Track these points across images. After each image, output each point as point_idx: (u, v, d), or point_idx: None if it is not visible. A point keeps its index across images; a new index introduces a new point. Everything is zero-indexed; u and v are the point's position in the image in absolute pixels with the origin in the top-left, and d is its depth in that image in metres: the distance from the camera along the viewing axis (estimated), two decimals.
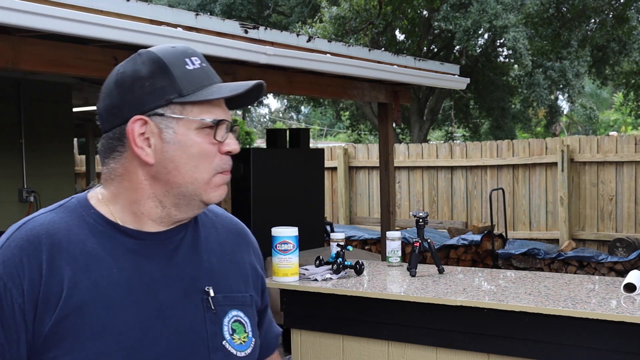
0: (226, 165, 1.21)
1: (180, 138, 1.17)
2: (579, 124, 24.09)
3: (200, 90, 1.17)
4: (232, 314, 1.25)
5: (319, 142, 28.02)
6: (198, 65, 1.20)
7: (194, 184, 1.18)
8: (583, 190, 9.22)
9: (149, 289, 1.16)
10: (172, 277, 1.19)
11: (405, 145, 10.77)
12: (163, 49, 1.21)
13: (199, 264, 1.24)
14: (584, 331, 2.40)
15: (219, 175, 1.21)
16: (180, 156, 1.17)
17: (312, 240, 5.90)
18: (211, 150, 1.19)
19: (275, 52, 4.42)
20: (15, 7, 3.01)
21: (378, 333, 2.80)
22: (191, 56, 1.20)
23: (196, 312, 1.20)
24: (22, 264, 1.10)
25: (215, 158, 1.19)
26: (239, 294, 1.28)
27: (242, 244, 1.36)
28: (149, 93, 1.17)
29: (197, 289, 1.21)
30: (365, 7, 12.80)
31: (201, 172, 1.18)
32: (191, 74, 1.18)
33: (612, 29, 12.33)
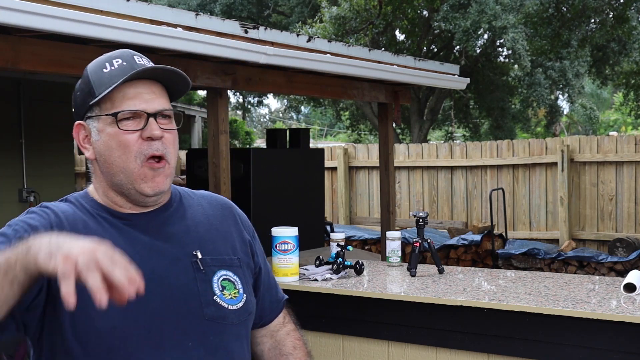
0: (150, 150, 1.32)
1: (102, 134, 1.33)
2: (579, 124, 24.09)
3: (110, 86, 1.30)
4: (221, 273, 1.39)
5: (319, 142, 28.02)
6: (116, 66, 1.32)
7: (124, 172, 1.32)
8: (583, 190, 9.22)
9: (142, 256, 1.30)
10: (163, 246, 1.35)
11: (405, 145, 10.77)
12: (94, 61, 1.37)
13: (187, 234, 1.39)
14: (584, 331, 2.40)
15: (148, 164, 1.32)
16: (105, 149, 1.33)
17: (312, 240, 5.90)
18: (128, 139, 1.31)
19: (275, 52, 4.42)
20: (15, 7, 3.02)
21: (378, 333, 2.80)
22: (114, 59, 1.34)
23: (187, 273, 1.35)
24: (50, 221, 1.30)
25: (135, 145, 1.31)
26: (226, 256, 1.42)
27: (228, 215, 1.50)
28: (80, 102, 1.36)
29: (186, 254, 1.36)
30: (365, 7, 12.80)
31: (126, 162, 1.32)
32: (105, 75, 1.32)
33: (612, 29, 12.33)
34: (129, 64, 1.33)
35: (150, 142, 1.31)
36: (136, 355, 1.28)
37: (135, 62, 1.34)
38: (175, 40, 3.80)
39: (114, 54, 1.36)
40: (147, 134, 1.31)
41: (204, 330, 1.35)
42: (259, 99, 22.06)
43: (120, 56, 1.34)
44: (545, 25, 12.21)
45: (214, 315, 1.36)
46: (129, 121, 1.31)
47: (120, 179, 1.33)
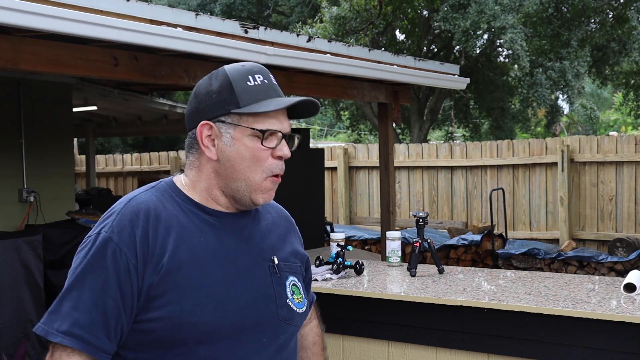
0: (277, 168, 1.47)
1: (235, 142, 1.43)
2: (579, 124, 24.09)
3: (256, 103, 1.42)
4: (291, 279, 1.54)
5: (319, 142, 28.02)
6: (259, 82, 1.45)
7: (246, 181, 1.44)
8: (583, 190, 9.22)
9: (228, 255, 1.44)
10: (245, 248, 1.48)
11: (405, 145, 10.77)
12: (233, 67, 1.46)
13: (263, 239, 1.52)
14: (584, 331, 2.40)
15: (270, 179, 1.46)
16: (235, 156, 1.43)
17: (312, 240, 5.90)
18: (262, 155, 1.44)
19: (275, 52, 4.42)
20: (15, 7, 3.01)
21: (378, 333, 2.80)
22: (255, 74, 1.45)
23: (265, 275, 1.48)
24: (133, 233, 1.37)
25: (267, 161, 1.44)
26: (293, 263, 1.57)
27: (291, 228, 1.66)
28: (216, 103, 1.44)
29: (264, 258, 1.50)
30: (365, 7, 12.80)
31: (253, 172, 1.44)
32: (250, 89, 1.43)
33: (612, 29, 12.33)
34: (269, 83, 1.46)
35: (279, 161, 1.46)
36: (217, 345, 1.39)
37: (273, 82, 1.47)
38: (175, 40, 3.80)
39: (253, 68, 1.47)
40: (279, 153, 1.45)
41: (276, 330, 1.47)
42: None
43: (259, 72, 1.46)
44: (545, 25, 12.22)
45: (287, 317, 1.50)
46: (267, 140, 1.43)
47: (239, 185, 1.44)
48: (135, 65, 3.96)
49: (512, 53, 11.58)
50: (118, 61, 3.87)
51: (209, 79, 1.47)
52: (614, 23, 12.35)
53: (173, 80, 4.24)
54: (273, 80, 1.47)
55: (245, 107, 1.42)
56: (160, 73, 4.13)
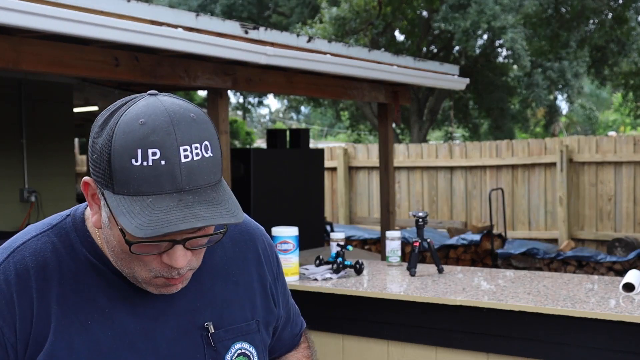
0: (168, 274, 1.02)
1: (112, 226, 1.01)
2: (578, 124, 24.11)
3: (132, 197, 0.95)
4: (236, 348, 1.16)
5: (319, 142, 28.03)
6: (150, 162, 0.94)
7: (132, 273, 1.04)
8: (582, 190, 9.24)
9: (143, 329, 1.07)
10: (169, 313, 1.09)
11: (405, 145, 10.78)
12: (128, 125, 0.96)
13: (200, 294, 1.13)
14: (582, 331, 2.41)
15: (162, 279, 1.04)
16: (113, 242, 1.03)
17: (312, 240, 5.92)
18: (143, 259, 1.02)
19: (276, 52, 4.43)
20: (16, 7, 3.03)
21: (378, 333, 2.81)
22: (150, 147, 0.95)
23: (195, 349, 1.11)
24: (12, 301, 1.03)
25: (152, 263, 1.02)
26: (243, 323, 1.17)
27: (251, 254, 1.23)
28: (95, 166, 0.99)
29: (196, 325, 1.12)
30: (365, 8, 12.81)
31: (135, 270, 1.03)
32: (132, 171, 0.95)
33: (611, 29, 12.35)
34: (168, 163, 0.95)
35: (170, 268, 1.02)
36: None
37: (180, 160, 0.95)
38: (175, 41, 3.81)
39: (152, 132, 0.96)
40: (167, 261, 1.02)
41: None
42: (259, 99, 22.08)
43: (159, 145, 0.95)
44: (544, 26, 12.24)
45: None
46: (141, 247, 1.01)
47: (126, 271, 1.05)
48: (135, 65, 3.98)
49: (513, 53, 11.59)
50: (119, 61, 3.88)
51: (105, 122, 0.99)
52: (613, 24, 12.36)
53: (173, 80, 4.25)
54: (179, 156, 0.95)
55: (118, 196, 0.96)
56: (161, 73, 4.14)
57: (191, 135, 0.97)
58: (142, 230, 0.92)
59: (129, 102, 1.01)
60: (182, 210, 0.94)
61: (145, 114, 0.97)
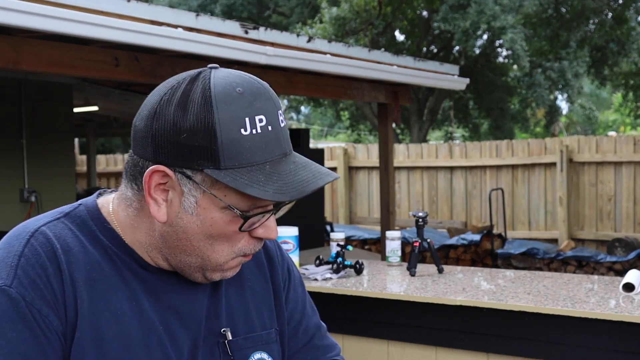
0: (251, 250, 1.01)
1: (201, 212, 0.95)
2: (578, 124, 24.12)
3: (247, 168, 0.91)
4: (255, 358, 1.07)
5: (319, 142, 28.04)
6: (259, 130, 0.92)
7: (204, 260, 0.99)
8: (582, 190, 9.24)
9: (167, 328, 1.00)
10: (188, 317, 1.02)
11: (405, 145, 10.78)
12: (226, 91, 0.92)
13: (217, 300, 1.06)
14: (582, 331, 2.41)
15: (239, 259, 1.01)
16: (195, 230, 0.96)
17: (312, 240, 5.92)
18: (236, 235, 0.98)
19: (276, 52, 4.44)
20: (16, 7, 3.03)
21: (378, 333, 2.81)
22: (256, 113, 0.92)
23: (211, 357, 1.03)
24: (51, 286, 0.94)
25: (240, 242, 0.99)
26: (263, 331, 1.10)
27: (262, 261, 1.16)
28: (184, 147, 0.92)
29: (212, 331, 1.04)
30: (365, 8, 12.82)
31: (216, 253, 0.98)
32: (243, 142, 0.91)
33: (611, 29, 12.35)
34: (273, 130, 0.94)
35: (258, 241, 1.00)
36: None
37: (279, 124, 0.95)
38: (175, 41, 3.82)
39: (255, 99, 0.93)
40: (262, 234, 0.99)
41: None
42: None
43: (264, 110, 0.93)
44: (544, 26, 12.25)
45: None
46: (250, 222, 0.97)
47: (191, 261, 0.99)
48: (135, 65, 3.98)
49: (512, 53, 11.60)
50: (119, 61, 3.88)
51: (180, 94, 0.93)
52: (613, 24, 12.37)
53: None
54: (279, 121, 0.95)
55: (228, 171, 0.91)
56: (161, 73, 4.15)
57: (278, 101, 0.98)
58: (285, 194, 0.91)
59: (203, 74, 0.96)
60: (303, 170, 0.95)
61: (237, 83, 0.94)
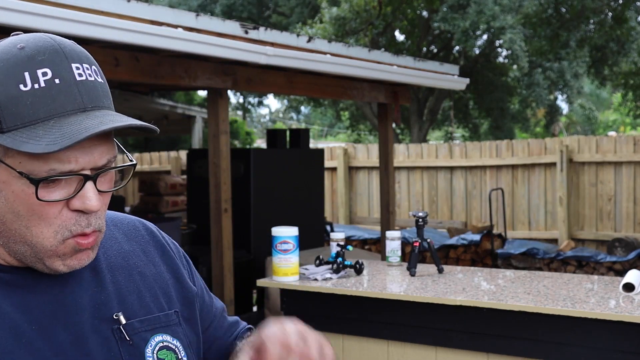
0: (76, 226, 0.87)
1: (1, 187, 0.85)
2: (578, 124, 24.13)
3: (30, 127, 0.81)
4: (157, 340, 0.97)
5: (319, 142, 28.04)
6: (42, 84, 0.82)
7: (31, 246, 0.87)
8: (582, 190, 9.24)
9: (41, 329, 0.88)
10: (69, 309, 0.91)
11: (404, 145, 10.78)
12: (5, 51, 0.84)
13: (102, 287, 0.96)
14: (582, 330, 2.41)
15: (73, 241, 0.88)
16: (4, 210, 0.86)
17: (312, 240, 5.92)
18: (48, 212, 0.85)
19: (276, 52, 4.44)
20: (15, 7, 3.03)
21: (378, 333, 2.81)
22: (38, 67, 0.82)
23: (108, 347, 0.92)
24: None
25: (57, 219, 0.86)
26: (160, 312, 1.00)
27: (152, 244, 1.07)
28: None
29: (104, 318, 0.93)
30: (365, 8, 12.82)
31: (37, 236, 0.86)
32: (23, 98, 0.81)
33: (610, 29, 12.36)
34: (61, 83, 0.83)
35: (80, 215, 0.87)
36: None
37: (72, 75, 0.85)
38: (175, 41, 3.82)
39: (37, 53, 0.84)
40: (78, 205, 0.86)
41: None
42: (259, 99, 22.08)
43: (48, 63, 0.83)
44: (544, 26, 12.25)
45: None
46: (52, 186, 0.85)
47: (23, 250, 0.88)
48: (135, 65, 3.98)
49: (512, 53, 11.61)
50: (119, 61, 3.88)
51: None
52: (613, 23, 12.37)
53: (173, 80, 4.25)
54: (74, 74, 0.85)
55: (11, 132, 0.81)
56: (161, 73, 4.15)
57: (80, 55, 0.87)
58: (56, 144, 0.79)
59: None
60: (94, 120, 0.83)
61: (22, 40, 0.85)
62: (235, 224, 5.23)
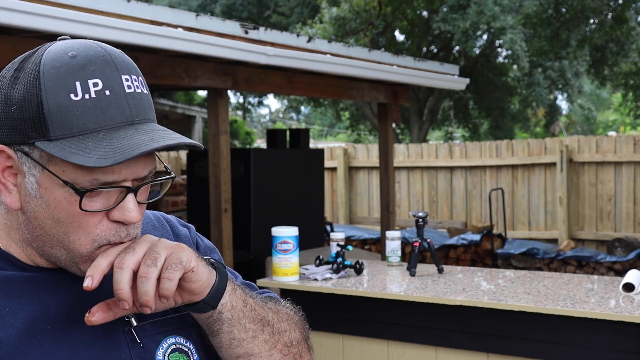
0: (115, 237, 0.88)
1: (43, 192, 0.85)
2: (578, 124, 24.14)
3: (78, 137, 0.82)
4: (169, 342, 0.96)
5: (319, 142, 28.03)
6: (93, 94, 0.83)
7: (68, 250, 0.88)
8: (582, 190, 9.24)
9: (55, 328, 0.89)
10: (84, 311, 0.90)
11: (404, 145, 10.78)
12: (56, 58, 0.84)
13: None
14: (582, 330, 2.41)
15: (107, 247, 0.89)
16: (43, 215, 0.86)
17: (312, 240, 5.92)
18: (89, 221, 0.86)
19: (276, 52, 4.44)
20: (16, 7, 3.03)
21: (378, 333, 2.82)
22: (89, 77, 0.83)
23: (118, 348, 0.92)
24: None
25: (97, 228, 0.87)
26: (173, 313, 0.98)
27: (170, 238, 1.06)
28: (15, 120, 0.84)
29: (116, 321, 0.93)
30: (365, 8, 12.82)
31: (74, 243, 0.87)
32: (73, 108, 0.82)
33: (610, 29, 12.36)
34: (111, 95, 0.84)
35: (119, 226, 0.88)
36: None
37: (122, 89, 0.85)
38: (175, 41, 3.82)
39: (88, 62, 0.84)
40: (118, 216, 0.87)
41: None
42: (259, 99, 22.08)
43: (100, 74, 0.84)
44: (544, 26, 12.25)
45: None
46: (94, 195, 0.86)
47: (58, 253, 0.89)
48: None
49: (512, 53, 11.61)
50: None
51: (15, 69, 0.86)
52: (613, 24, 12.38)
53: (173, 80, 4.25)
54: (124, 86, 0.85)
55: (59, 141, 0.82)
56: (161, 73, 4.15)
57: (128, 66, 0.88)
58: (108, 159, 0.80)
59: (42, 47, 0.87)
60: (144, 135, 0.83)
61: (73, 48, 0.85)
62: (235, 224, 5.23)
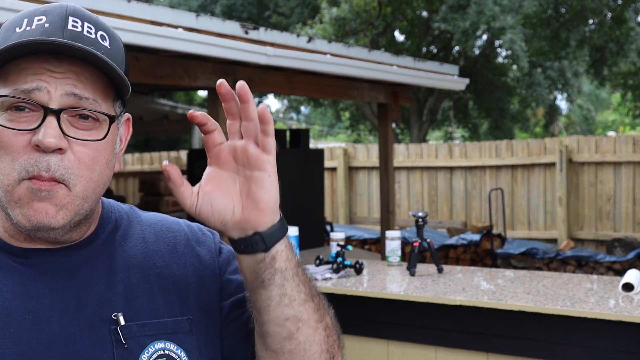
0: (34, 167, 0.82)
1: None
2: (577, 124, 24.15)
3: None
4: (156, 347, 0.90)
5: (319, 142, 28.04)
6: (34, 27, 0.84)
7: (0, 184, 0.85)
8: (581, 190, 9.25)
9: (35, 319, 0.85)
10: (68, 304, 0.87)
11: (404, 145, 10.79)
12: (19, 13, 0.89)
13: (111, 284, 0.91)
14: (582, 330, 2.42)
15: (26, 184, 0.83)
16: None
17: (312, 240, 5.92)
18: (11, 141, 0.83)
19: (276, 52, 4.44)
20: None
21: (378, 332, 2.82)
22: (36, 15, 0.86)
23: (101, 347, 0.87)
24: None
25: (21, 154, 0.83)
26: (168, 318, 0.93)
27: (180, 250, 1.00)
28: None
29: (104, 317, 0.89)
30: (365, 8, 12.83)
31: (4, 170, 0.84)
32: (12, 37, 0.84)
33: (610, 29, 12.37)
34: (53, 26, 0.84)
35: (40, 155, 0.83)
36: None
37: (67, 26, 0.84)
38: (176, 41, 3.82)
39: (41, 9, 0.87)
40: (36, 139, 0.82)
41: None
42: (259, 99, 22.09)
43: (49, 12, 0.85)
44: (544, 26, 12.26)
45: None
46: (19, 113, 0.83)
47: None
48: (135, 65, 3.98)
49: (512, 53, 11.62)
50: None
51: None
52: (612, 24, 12.38)
53: (173, 80, 4.26)
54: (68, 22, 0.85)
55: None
56: (161, 73, 4.15)
57: (88, 17, 0.88)
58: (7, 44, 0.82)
59: None
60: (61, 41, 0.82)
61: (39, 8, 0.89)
62: None
